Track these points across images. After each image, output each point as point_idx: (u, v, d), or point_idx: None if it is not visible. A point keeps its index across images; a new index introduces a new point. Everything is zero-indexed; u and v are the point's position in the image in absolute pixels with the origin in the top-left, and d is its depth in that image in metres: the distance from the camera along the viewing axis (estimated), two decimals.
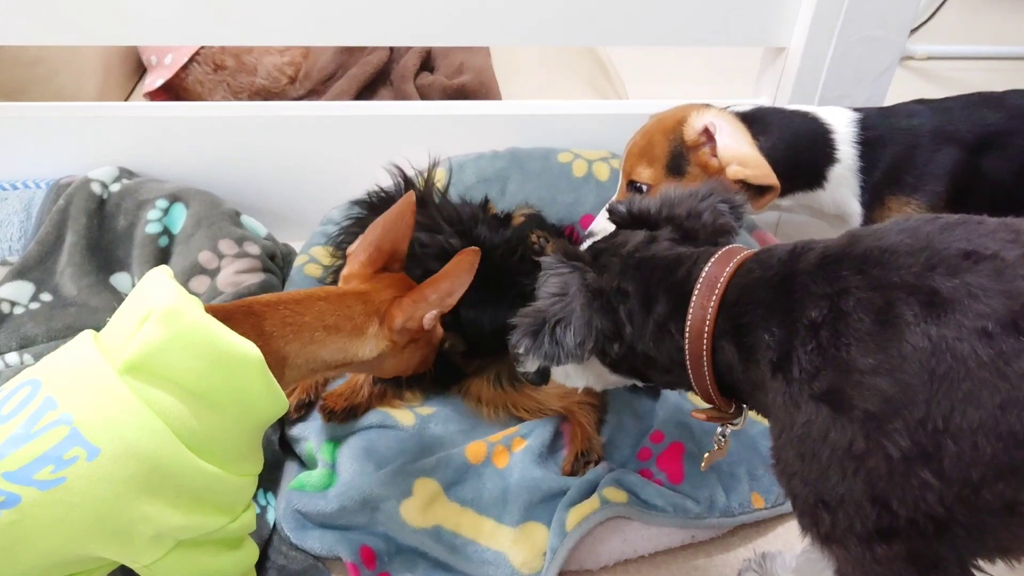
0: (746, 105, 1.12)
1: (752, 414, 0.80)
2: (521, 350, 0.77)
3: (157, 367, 0.67)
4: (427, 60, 1.84)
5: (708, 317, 0.72)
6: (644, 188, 1.09)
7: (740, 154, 1.03)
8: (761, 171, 1.02)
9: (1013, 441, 0.55)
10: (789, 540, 1.04)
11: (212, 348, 0.67)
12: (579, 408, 1.12)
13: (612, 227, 0.88)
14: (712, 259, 0.75)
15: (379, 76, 1.79)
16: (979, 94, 1.09)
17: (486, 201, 1.26)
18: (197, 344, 0.67)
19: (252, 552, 0.83)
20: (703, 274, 0.74)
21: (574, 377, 0.89)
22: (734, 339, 0.71)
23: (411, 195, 0.91)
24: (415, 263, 1.04)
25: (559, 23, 1.28)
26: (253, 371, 0.70)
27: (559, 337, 0.76)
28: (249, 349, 0.69)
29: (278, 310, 0.78)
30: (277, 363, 0.75)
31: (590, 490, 1.01)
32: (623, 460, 1.09)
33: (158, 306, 0.67)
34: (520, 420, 1.14)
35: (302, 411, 1.11)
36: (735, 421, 0.80)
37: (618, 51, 2.08)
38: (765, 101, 1.34)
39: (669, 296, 0.76)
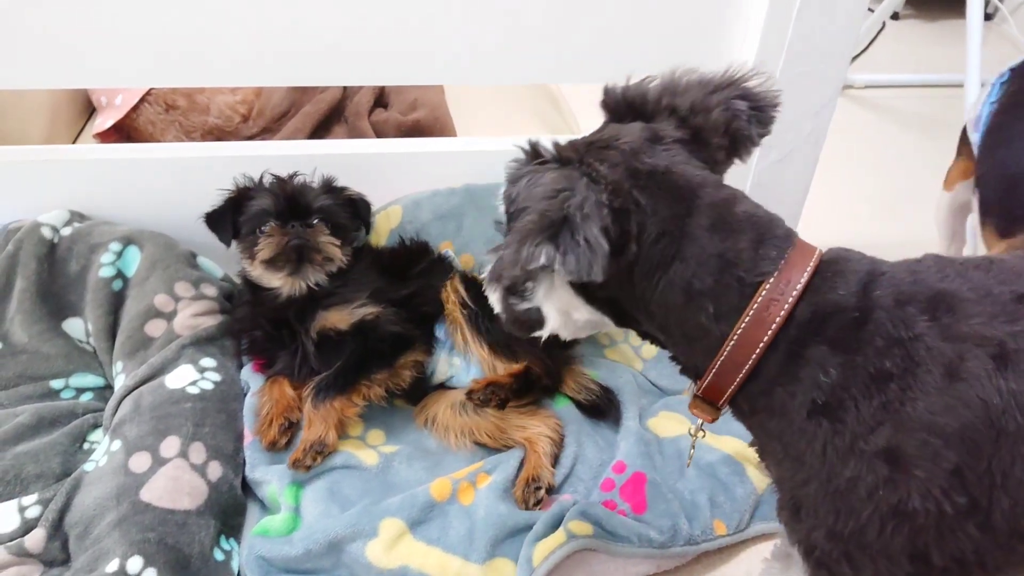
0: None
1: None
2: (543, 261, 0.60)
3: None
4: (381, 96, 1.85)
5: (769, 332, 0.61)
6: None
7: None
8: None
9: None
10: (752, 565, 1.05)
11: None
12: (538, 439, 1.13)
13: None
14: (786, 255, 0.63)
15: (333, 113, 1.79)
16: None
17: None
18: None
19: None
20: (774, 275, 0.62)
21: (548, 311, 0.71)
22: (783, 363, 0.63)
23: None
24: None
25: (511, 62, 1.31)
26: None
27: (589, 235, 0.59)
28: None
29: None
30: None
31: (556, 524, 1.01)
32: (587, 491, 1.09)
33: None
34: (483, 448, 1.15)
35: (288, 434, 1.10)
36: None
37: (569, 85, 2.11)
38: None
39: (720, 267, 0.63)
